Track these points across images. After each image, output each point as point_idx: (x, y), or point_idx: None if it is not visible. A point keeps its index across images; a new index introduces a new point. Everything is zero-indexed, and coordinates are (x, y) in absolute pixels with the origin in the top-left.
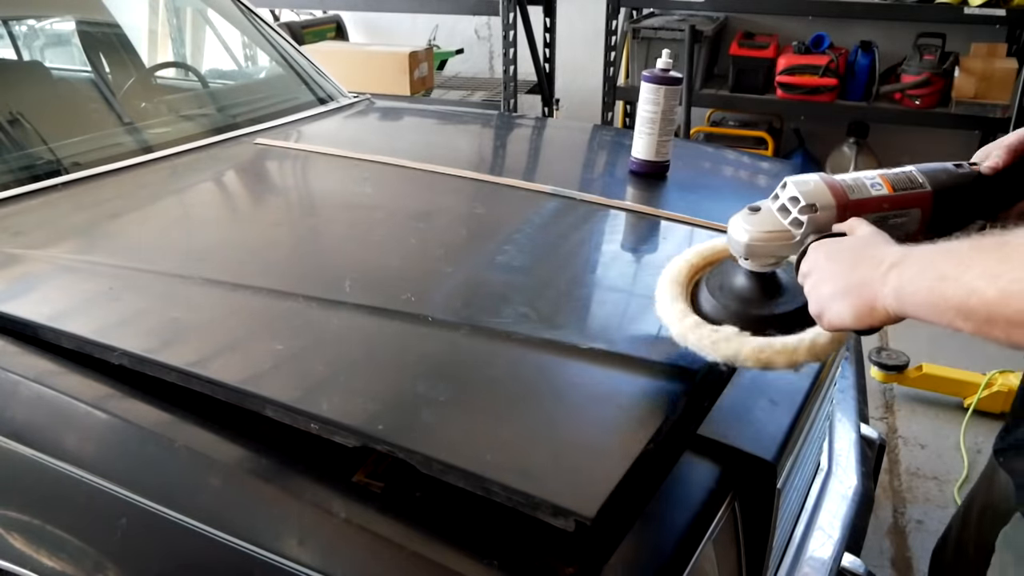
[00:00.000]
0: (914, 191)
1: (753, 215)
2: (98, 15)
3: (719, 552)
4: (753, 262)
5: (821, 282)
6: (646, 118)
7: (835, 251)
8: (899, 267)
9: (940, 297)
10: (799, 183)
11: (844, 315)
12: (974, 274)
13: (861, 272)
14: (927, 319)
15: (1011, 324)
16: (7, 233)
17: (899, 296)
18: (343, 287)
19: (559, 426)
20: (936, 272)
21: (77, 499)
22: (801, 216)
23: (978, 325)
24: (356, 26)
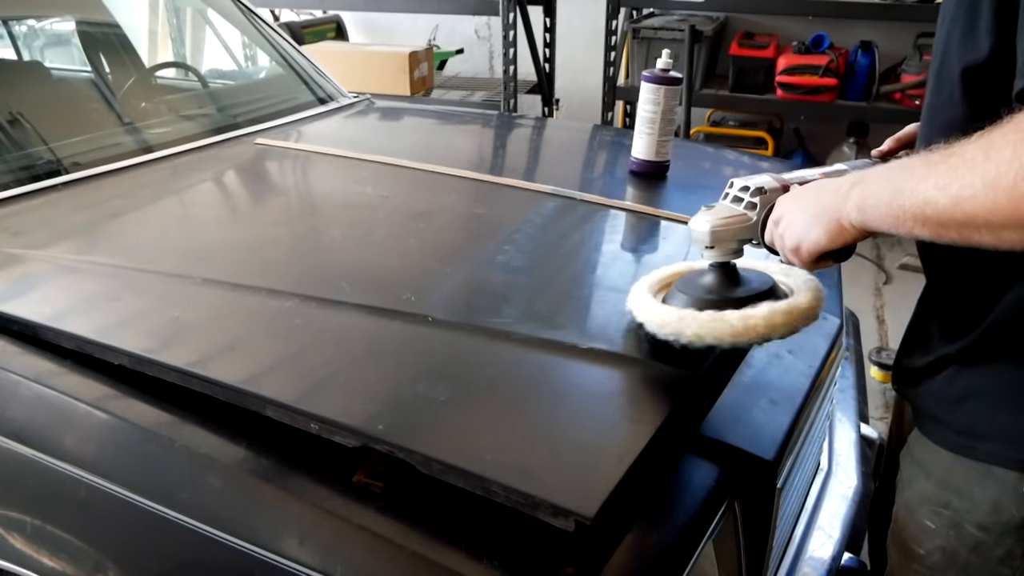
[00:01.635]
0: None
1: (709, 210)
2: (98, 15)
3: (719, 552)
4: (717, 249)
5: (793, 220)
6: (646, 118)
7: (799, 193)
8: (859, 185)
9: (899, 208)
10: (745, 178)
11: (820, 239)
12: (927, 185)
13: (825, 198)
14: (889, 230)
15: (962, 225)
16: (7, 233)
17: (862, 210)
18: (343, 287)
19: (559, 426)
20: (893, 186)
21: (77, 499)
22: (753, 199)
23: (934, 229)
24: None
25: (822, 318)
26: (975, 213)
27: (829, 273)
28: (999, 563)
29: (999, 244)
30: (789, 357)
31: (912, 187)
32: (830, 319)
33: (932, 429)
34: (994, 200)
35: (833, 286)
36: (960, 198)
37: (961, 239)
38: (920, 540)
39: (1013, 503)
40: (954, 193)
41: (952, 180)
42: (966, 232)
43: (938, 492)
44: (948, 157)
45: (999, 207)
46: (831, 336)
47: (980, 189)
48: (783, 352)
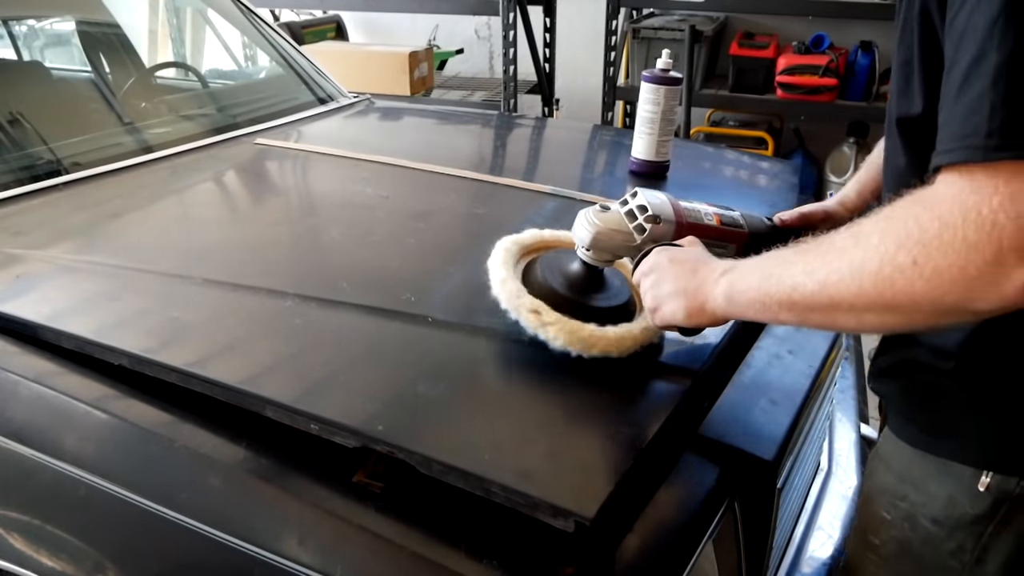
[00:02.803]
0: (736, 230)
1: (603, 212)
2: (98, 15)
3: (719, 552)
4: (593, 254)
5: (662, 281)
6: (646, 118)
7: (677, 258)
8: (730, 274)
9: (766, 295)
10: (648, 195)
11: (677, 313)
12: (796, 270)
13: (698, 278)
14: (755, 317)
15: (828, 309)
16: (7, 233)
17: (729, 297)
18: (343, 287)
19: (559, 426)
20: (762, 273)
21: (77, 499)
22: (646, 224)
23: (800, 315)
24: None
25: None
26: (841, 297)
27: None
28: (949, 556)
29: (860, 327)
30: (789, 357)
31: (780, 273)
32: None
33: (897, 424)
34: (860, 285)
35: None
36: (827, 283)
37: (825, 323)
38: (876, 530)
39: (967, 499)
40: (822, 278)
41: (820, 266)
42: (830, 315)
43: (897, 485)
44: (819, 244)
45: (864, 291)
46: (831, 336)
47: (847, 274)
48: (783, 352)
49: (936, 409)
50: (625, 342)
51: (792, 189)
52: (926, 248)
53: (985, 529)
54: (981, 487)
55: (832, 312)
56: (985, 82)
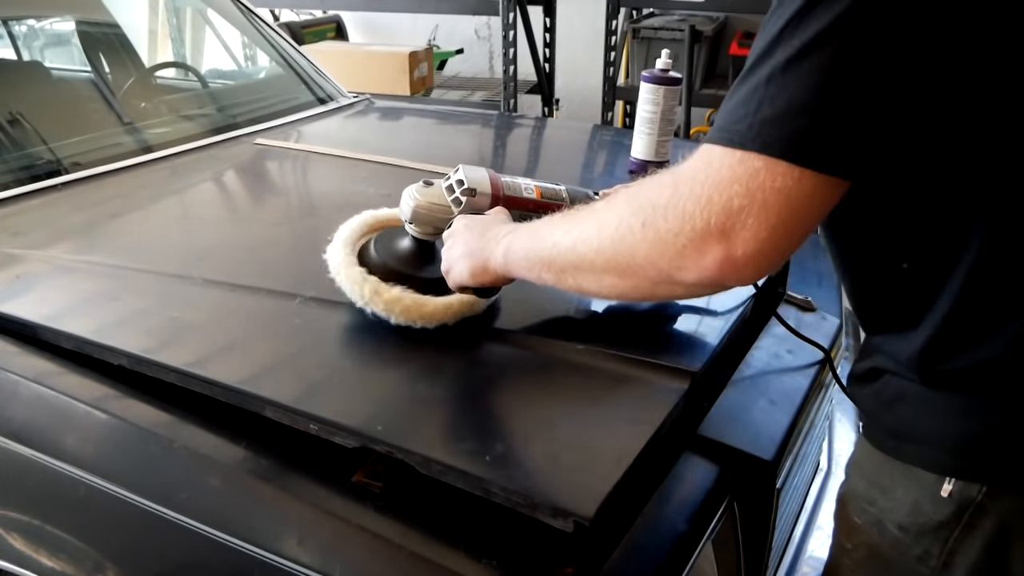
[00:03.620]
0: (556, 203)
1: (425, 188)
2: (98, 15)
3: (718, 552)
4: (417, 227)
5: (454, 245)
6: (646, 118)
7: (472, 223)
8: (511, 234)
9: (533, 252)
10: (468, 170)
11: (463, 273)
12: (558, 231)
13: (484, 240)
14: (526, 275)
15: (575, 268)
16: (7, 233)
17: (506, 255)
18: None
19: (558, 426)
20: (534, 234)
21: (77, 499)
22: (462, 196)
23: (556, 275)
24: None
25: (821, 318)
26: (585, 257)
27: (829, 274)
28: (917, 562)
29: (601, 290)
30: (789, 357)
31: (548, 232)
32: (829, 319)
33: (868, 428)
34: (599, 243)
35: (833, 286)
36: (577, 241)
37: (576, 287)
38: (849, 535)
39: (931, 505)
40: (574, 237)
41: (575, 226)
42: (579, 277)
43: (867, 489)
44: (583, 209)
45: (602, 250)
46: (831, 336)
47: (592, 233)
48: (783, 352)
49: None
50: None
51: None
52: (655, 211)
53: (950, 535)
54: (944, 493)
55: (579, 273)
56: (761, 78)
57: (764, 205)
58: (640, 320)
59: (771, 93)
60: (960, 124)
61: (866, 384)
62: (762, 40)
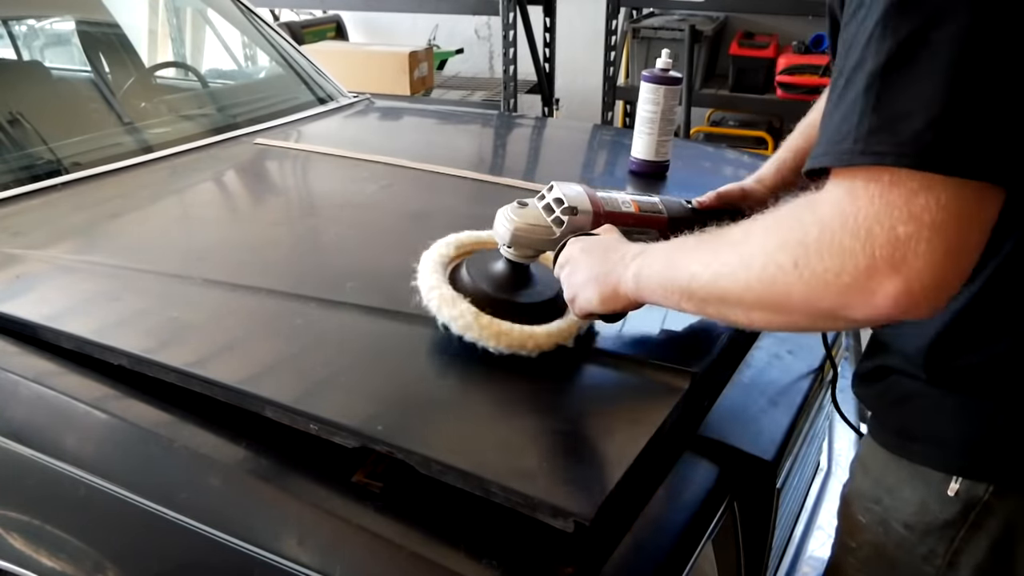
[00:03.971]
0: (655, 215)
1: (521, 208)
2: (98, 15)
3: (719, 552)
4: (515, 251)
5: (575, 271)
6: (646, 118)
7: (589, 246)
8: (639, 258)
9: (668, 281)
10: (564, 187)
11: (592, 299)
12: (693, 260)
13: (609, 263)
14: (660, 302)
15: (720, 302)
16: (7, 233)
17: (637, 281)
18: (343, 287)
19: (558, 427)
20: (667, 260)
21: (77, 499)
22: (563, 216)
23: (698, 305)
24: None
25: None
26: (730, 292)
27: None
28: (922, 561)
29: (751, 323)
30: (789, 357)
31: (681, 261)
32: None
33: (874, 428)
34: (746, 281)
35: None
36: (719, 275)
37: (719, 316)
38: (853, 534)
39: (937, 504)
40: (714, 270)
41: (714, 258)
42: (723, 309)
43: (872, 488)
44: (717, 237)
45: (750, 288)
46: (831, 336)
47: (736, 268)
48: (783, 352)
49: (908, 414)
50: (546, 338)
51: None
52: (807, 250)
53: (956, 534)
54: (951, 492)
55: (723, 306)
56: (859, 88)
57: (934, 227)
58: (640, 320)
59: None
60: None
61: (872, 383)
62: (853, 53)
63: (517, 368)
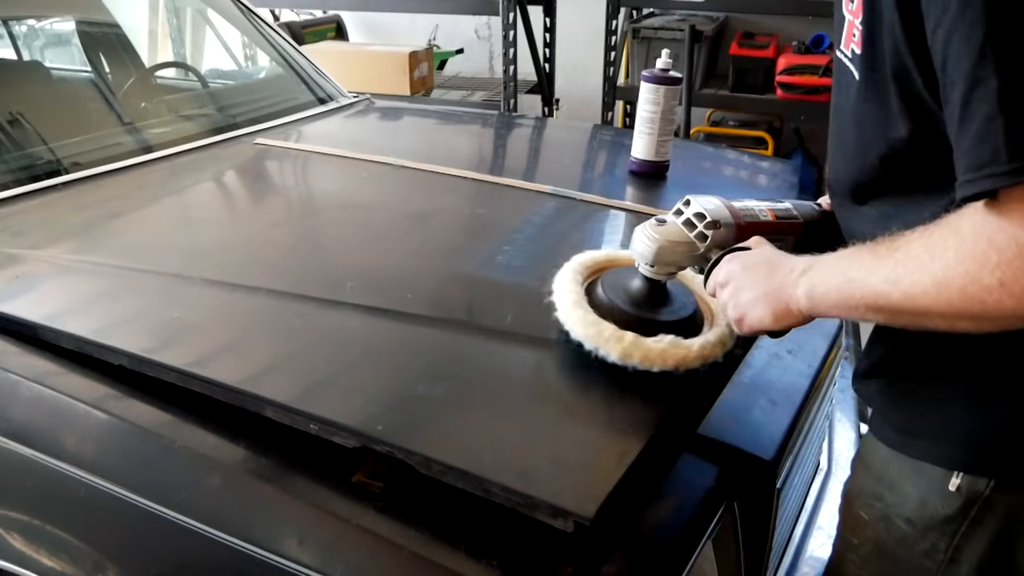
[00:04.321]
0: (791, 221)
1: (660, 226)
2: (98, 15)
3: (718, 552)
4: (657, 269)
5: (740, 290)
6: (646, 118)
7: (750, 263)
8: (809, 272)
9: (850, 298)
10: (703, 202)
11: (764, 318)
12: (878, 278)
13: (776, 280)
14: (839, 315)
15: (918, 316)
16: (7, 233)
17: (811, 298)
18: (343, 287)
19: (558, 426)
20: (843, 276)
21: (77, 499)
22: (706, 231)
23: (888, 317)
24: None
25: None
26: (928, 307)
27: None
28: (923, 556)
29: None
30: (789, 357)
31: (862, 279)
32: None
33: (874, 424)
34: (947, 299)
35: None
36: (912, 294)
37: (915, 325)
38: (855, 530)
39: (938, 499)
40: (905, 289)
41: (902, 276)
42: (921, 320)
43: (874, 485)
44: (894, 252)
45: (952, 305)
46: (831, 336)
47: (930, 287)
48: (783, 352)
49: (909, 410)
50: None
51: (792, 189)
52: (1010, 268)
53: (957, 530)
54: (952, 488)
55: (922, 318)
56: (991, 107)
57: None
58: None
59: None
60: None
61: (873, 381)
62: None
63: (517, 368)
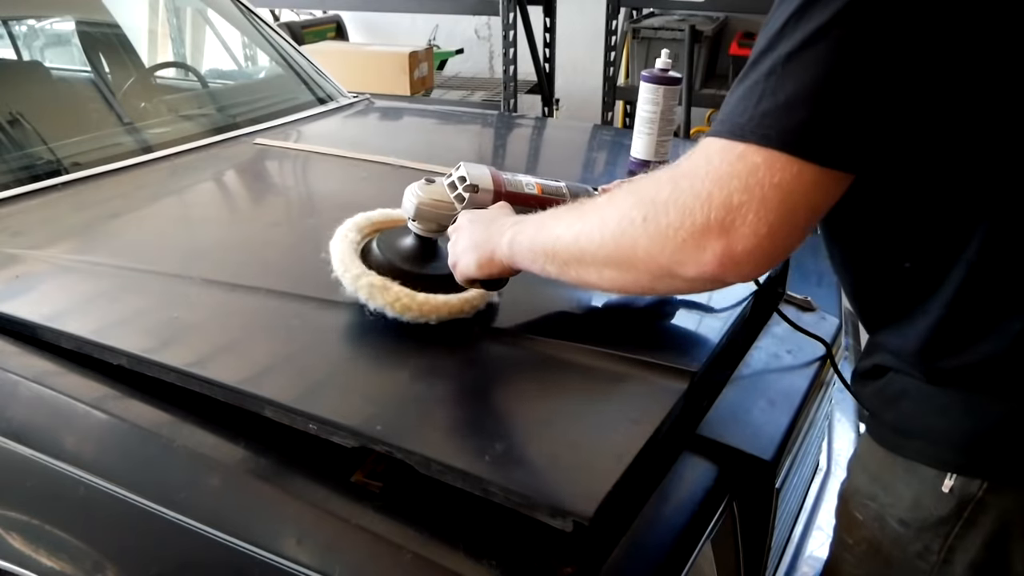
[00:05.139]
0: (557, 198)
1: (428, 185)
2: (98, 15)
3: (718, 552)
4: (420, 224)
5: (459, 239)
6: (645, 118)
7: (476, 217)
8: (516, 225)
9: (537, 243)
10: (470, 167)
11: (471, 264)
12: (561, 224)
13: (490, 232)
14: (528, 267)
15: (578, 261)
16: (7, 233)
17: (511, 246)
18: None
19: (557, 426)
20: (539, 225)
21: (77, 499)
22: (464, 193)
23: (560, 267)
24: (356, 26)
25: (821, 317)
26: (587, 250)
27: (829, 274)
28: (917, 557)
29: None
30: (788, 357)
31: (550, 226)
32: (829, 319)
33: (871, 425)
34: (601, 237)
35: (832, 286)
36: (579, 235)
37: (578, 279)
38: (850, 530)
39: (931, 501)
40: (576, 231)
41: (578, 219)
42: (580, 270)
43: (869, 485)
44: (586, 203)
45: (604, 244)
46: (830, 336)
47: (595, 227)
48: (782, 352)
49: (902, 411)
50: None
51: None
52: (655, 206)
53: (951, 531)
54: (945, 489)
55: (581, 266)
56: (761, 72)
57: (763, 201)
58: (640, 320)
59: (771, 86)
60: (960, 120)
61: (869, 382)
62: (764, 37)
63: (517, 368)
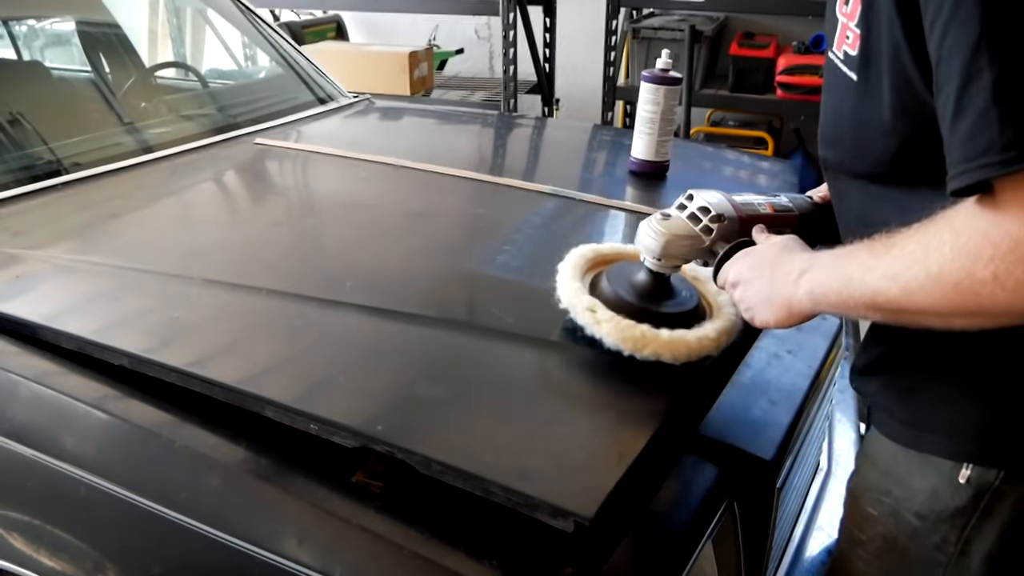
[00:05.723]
0: (787, 213)
1: (666, 220)
2: (98, 15)
3: (718, 552)
4: (664, 262)
5: (748, 291)
6: (646, 118)
7: (756, 262)
8: (808, 273)
9: (849, 297)
10: (706, 196)
11: (769, 319)
12: (875, 276)
13: (778, 282)
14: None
15: (916, 314)
16: (7, 233)
17: (812, 297)
18: (343, 287)
19: (558, 426)
20: (842, 275)
21: (77, 499)
22: (711, 224)
23: (886, 315)
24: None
25: (821, 317)
26: (925, 304)
27: None
28: (934, 550)
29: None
30: (788, 357)
31: (861, 277)
32: (829, 319)
33: (880, 420)
34: (942, 294)
35: None
36: (909, 290)
37: (913, 323)
38: (863, 526)
39: (948, 492)
40: (903, 285)
41: (899, 273)
42: (918, 318)
43: (881, 480)
44: (890, 249)
45: (948, 300)
46: (831, 336)
47: (926, 283)
48: (783, 352)
49: (915, 404)
50: (678, 347)
51: (792, 189)
52: (1004, 262)
53: (968, 521)
54: (962, 480)
55: (919, 316)
56: (985, 100)
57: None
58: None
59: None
60: None
61: (874, 376)
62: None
63: (518, 368)
